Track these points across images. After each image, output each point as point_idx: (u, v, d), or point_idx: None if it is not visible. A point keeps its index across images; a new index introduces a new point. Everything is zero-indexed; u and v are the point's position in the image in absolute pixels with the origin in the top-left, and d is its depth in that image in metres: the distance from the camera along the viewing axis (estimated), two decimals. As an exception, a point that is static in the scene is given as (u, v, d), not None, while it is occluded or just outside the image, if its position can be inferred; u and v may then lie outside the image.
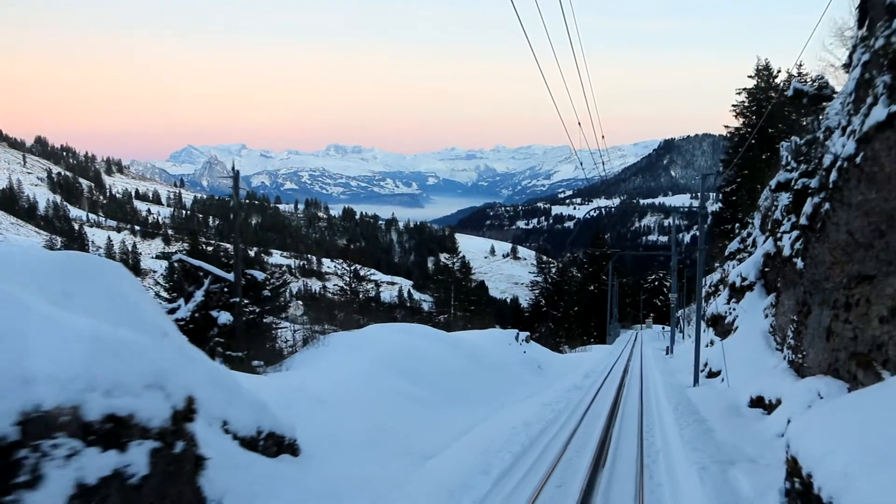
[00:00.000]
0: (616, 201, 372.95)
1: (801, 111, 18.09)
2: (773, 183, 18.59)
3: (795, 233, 15.91)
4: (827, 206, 12.53)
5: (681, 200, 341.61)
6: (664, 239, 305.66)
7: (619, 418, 16.56)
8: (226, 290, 20.32)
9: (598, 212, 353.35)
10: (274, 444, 9.61)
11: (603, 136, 27.30)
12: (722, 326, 26.36)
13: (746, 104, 54.31)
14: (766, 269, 22.71)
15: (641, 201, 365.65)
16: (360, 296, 58.83)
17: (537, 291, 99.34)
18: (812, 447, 7.16)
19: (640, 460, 11.59)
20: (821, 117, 15.49)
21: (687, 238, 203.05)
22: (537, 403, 18.61)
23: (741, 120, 54.58)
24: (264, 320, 24.32)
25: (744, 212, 42.80)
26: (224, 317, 19.33)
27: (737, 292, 24.66)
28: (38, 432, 5.22)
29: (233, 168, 21.87)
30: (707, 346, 28.24)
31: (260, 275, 23.30)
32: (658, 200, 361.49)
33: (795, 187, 15.84)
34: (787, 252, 17.68)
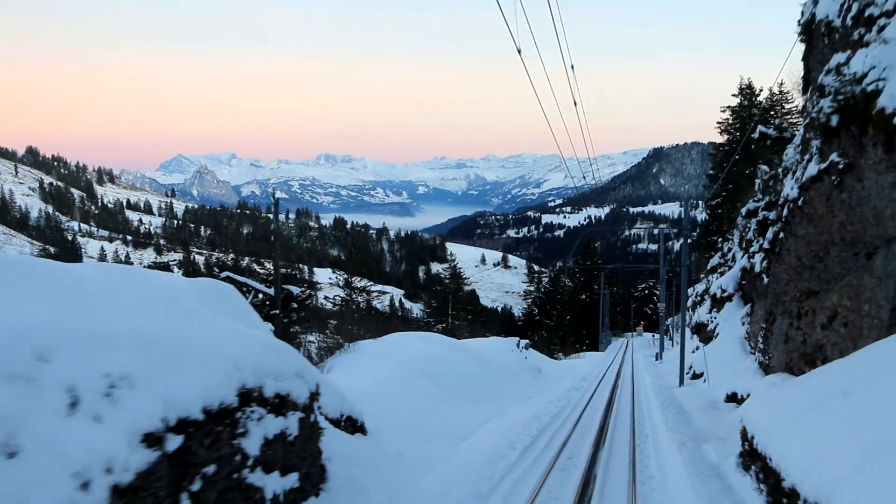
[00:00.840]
0: (606, 210, 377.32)
1: (766, 150, 21.03)
2: (744, 210, 21.69)
3: (762, 254, 18.95)
4: (782, 234, 15.57)
5: (670, 209, 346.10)
6: (654, 247, 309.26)
7: (614, 412, 19.49)
8: (267, 303, 23.12)
9: (588, 220, 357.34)
10: (350, 425, 12.47)
11: (593, 152, 30.32)
12: (705, 333, 29.39)
13: (731, 121, 57.52)
14: (744, 283, 25.75)
15: (631, 209, 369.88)
16: (359, 305, 61.66)
17: (530, 300, 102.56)
18: (754, 417, 10.14)
19: (632, 441, 14.51)
20: (783, 156, 18.50)
21: (676, 246, 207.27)
22: (542, 401, 21.52)
23: (725, 137, 57.82)
24: (291, 330, 27.11)
25: (728, 225, 45.93)
26: (266, 328, 22.10)
27: (717, 303, 27.72)
28: (246, 402, 8.15)
29: (273, 195, 24.69)
30: (693, 351, 31.21)
31: (295, 289, 26.12)
32: (648, 209, 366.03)
33: (758, 218, 18.93)
34: (757, 269, 20.74)
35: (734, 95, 57.68)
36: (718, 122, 58.28)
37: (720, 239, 40.25)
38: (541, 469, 11.62)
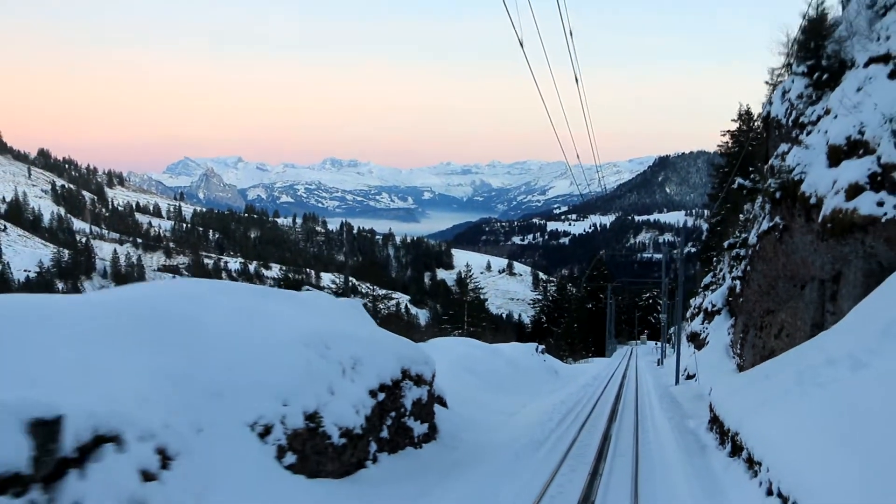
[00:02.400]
0: (611, 217, 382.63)
1: (743, 198, 26.34)
2: (726, 244, 27.33)
3: (738, 280, 24.55)
4: (748, 268, 21.16)
5: (675, 217, 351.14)
6: (658, 256, 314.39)
7: (622, 401, 25.03)
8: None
9: (593, 228, 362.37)
10: (438, 401, 18.05)
11: (598, 160, 35.76)
12: (698, 342, 34.95)
13: (730, 145, 63.14)
14: (730, 300, 31.33)
15: (636, 218, 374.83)
16: (382, 312, 67.18)
17: (538, 309, 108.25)
18: (716, 396, 15.72)
19: (636, 418, 20.06)
20: (753, 206, 24.06)
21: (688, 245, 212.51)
22: (563, 394, 27.07)
23: (725, 159, 63.40)
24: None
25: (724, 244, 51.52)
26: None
27: (709, 316, 33.30)
28: (403, 378, 13.74)
29: (343, 227, 30.26)
30: (691, 356, 36.71)
31: (360, 301, 31.69)
32: (653, 217, 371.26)
33: (733, 253, 24.55)
34: (737, 290, 26.35)
35: (733, 121, 63.23)
36: (719, 145, 63.82)
37: (715, 257, 45.68)
38: (573, 431, 17.17)
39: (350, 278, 63.66)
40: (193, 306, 10.51)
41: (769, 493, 9.17)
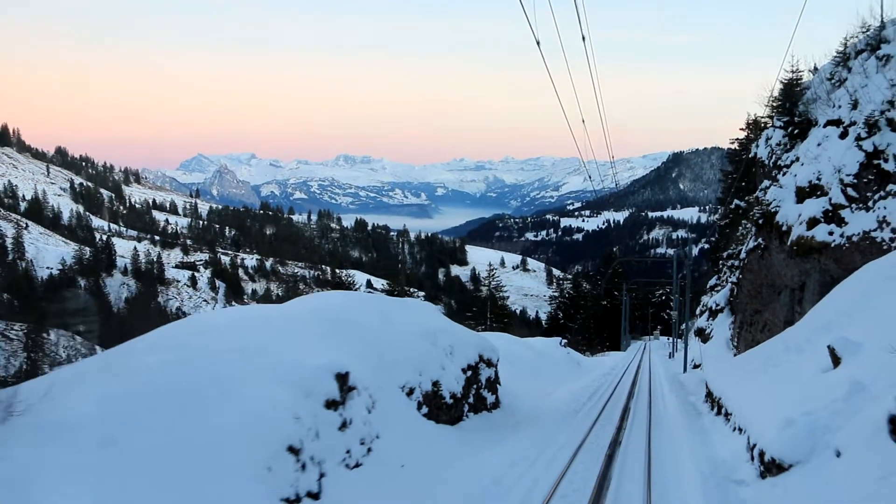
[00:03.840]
0: (625, 214, 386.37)
1: (740, 217, 31.47)
2: (724, 254, 32.56)
3: (735, 284, 29.79)
4: (741, 275, 26.38)
5: (689, 214, 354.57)
6: (672, 251, 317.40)
7: (637, 386, 30.31)
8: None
9: (606, 224, 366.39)
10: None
11: (612, 156, 40.98)
12: (704, 336, 40.16)
13: (738, 151, 68.06)
14: (731, 299, 36.51)
15: (650, 214, 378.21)
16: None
17: (555, 305, 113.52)
18: (710, 377, 21.02)
19: (649, 396, 25.35)
20: (747, 224, 29.28)
21: (695, 251, 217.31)
22: (587, 380, 32.36)
23: (733, 166, 68.36)
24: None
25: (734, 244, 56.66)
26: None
27: (713, 314, 38.52)
28: (479, 361, 19.18)
29: (400, 242, 35.55)
30: (697, 348, 41.98)
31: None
32: (667, 213, 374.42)
33: (731, 263, 29.81)
34: (734, 293, 31.58)
35: (741, 129, 68.10)
36: (728, 151, 68.77)
37: (721, 261, 50.84)
38: (600, 405, 22.50)
39: (368, 276, 68.60)
40: (349, 311, 15.89)
41: (734, 430, 14.50)
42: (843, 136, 19.74)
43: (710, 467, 12.56)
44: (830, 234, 18.94)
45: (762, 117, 68.17)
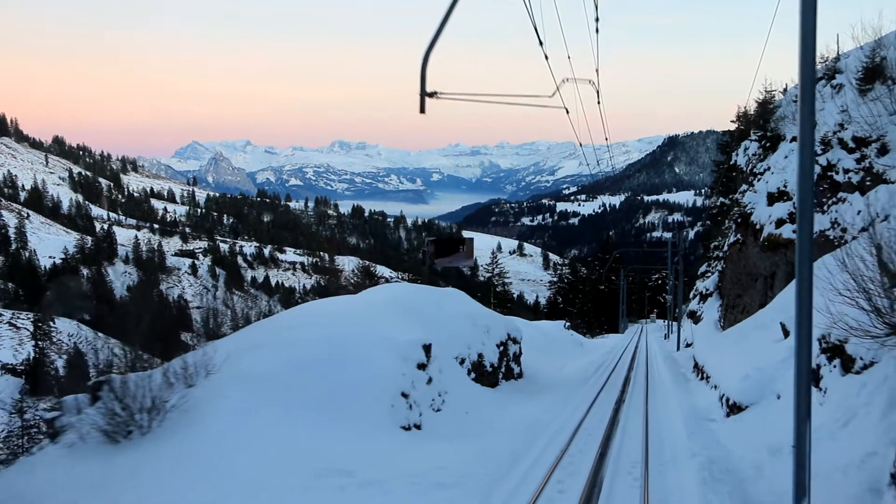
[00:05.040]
0: (621, 198, 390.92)
1: (724, 214, 36.00)
2: (711, 245, 37.15)
3: (720, 272, 34.40)
4: (724, 265, 30.94)
5: (684, 197, 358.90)
6: (668, 235, 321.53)
7: (636, 362, 34.95)
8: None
9: (602, 208, 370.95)
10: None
11: (608, 139, 45.46)
12: (696, 318, 44.84)
13: (729, 142, 72.38)
14: (719, 285, 41.14)
15: (646, 198, 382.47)
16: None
17: (554, 290, 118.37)
18: (697, 351, 25.63)
19: (646, 369, 29.97)
20: (729, 220, 33.84)
21: (691, 234, 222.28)
22: (591, 358, 36.98)
23: (724, 156, 72.75)
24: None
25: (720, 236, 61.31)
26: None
27: (703, 297, 43.15)
28: (507, 338, 23.77)
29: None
30: (690, 329, 46.68)
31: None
32: (662, 197, 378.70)
33: (716, 254, 34.40)
34: (720, 280, 36.19)
35: (732, 122, 72.34)
36: (720, 144, 73.17)
37: (709, 250, 55.52)
38: (605, 376, 27.11)
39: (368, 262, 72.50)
40: (413, 299, 20.41)
41: (712, 388, 19.10)
42: (805, 151, 24.21)
43: (691, 412, 17.17)
44: (794, 232, 23.42)
45: (741, 125, 73.02)
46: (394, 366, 14.33)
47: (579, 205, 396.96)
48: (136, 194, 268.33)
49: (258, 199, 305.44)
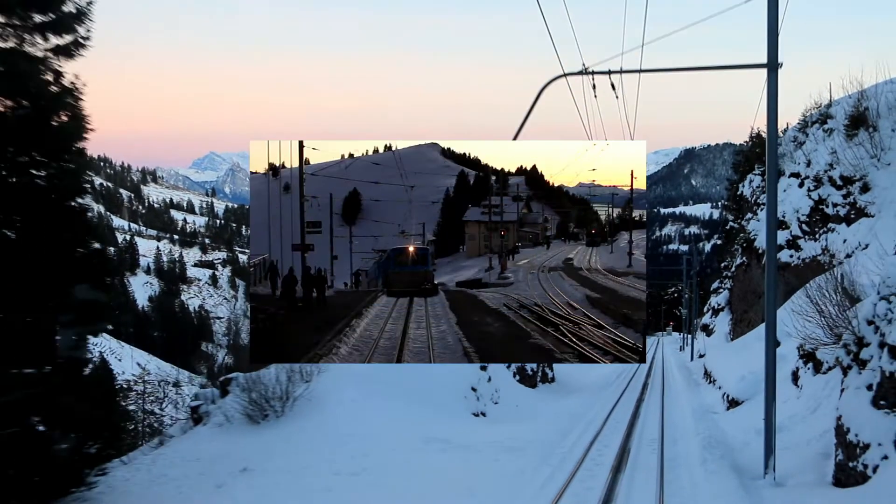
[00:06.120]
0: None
1: (733, 237, 40.12)
2: (722, 265, 41.16)
3: (729, 290, 38.43)
4: (733, 284, 34.92)
5: (701, 210, 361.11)
6: (685, 248, 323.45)
7: (653, 370, 38.94)
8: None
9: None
10: (547, 364, 32.06)
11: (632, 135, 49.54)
12: (708, 331, 48.82)
13: (742, 162, 76.10)
14: (730, 300, 45.08)
15: (662, 210, 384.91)
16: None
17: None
18: (708, 360, 29.67)
19: (663, 376, 33.98)
20: (737, 242, 37.82)
21: (707, 247, 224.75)
22: (612, 367, 40.93)
23: (738, 175, 76.48)
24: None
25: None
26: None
27: (715, 312, 47.13)
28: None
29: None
30: (703, 341, 50.60)
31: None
32: (679, 210, 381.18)
33: (726, 273, 38.45)
34: (729, 297, 40.17)
35: (745, 143, 76.22)
36: (734, 164, 76.91)
37: (723, 266, 59.44)
38: (625, 381, 31.17)
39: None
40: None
41: (717, 388, 23.13)
42: (801, 185, 28.26)
43: (699, 407, 21.31)
44: (791, 256, 27.49)
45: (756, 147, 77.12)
46: (463, 366, 18.47)
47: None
48: (156, 205, 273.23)
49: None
